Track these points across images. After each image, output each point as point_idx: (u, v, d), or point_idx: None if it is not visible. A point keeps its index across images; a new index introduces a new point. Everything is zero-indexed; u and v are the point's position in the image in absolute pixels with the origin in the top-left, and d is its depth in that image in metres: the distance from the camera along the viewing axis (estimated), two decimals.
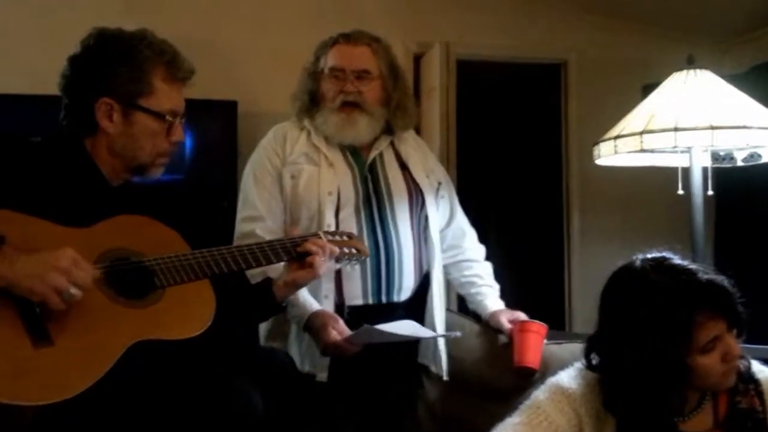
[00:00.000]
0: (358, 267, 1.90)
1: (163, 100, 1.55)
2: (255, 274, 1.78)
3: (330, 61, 2.03)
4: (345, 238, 1.78)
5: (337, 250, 1.71)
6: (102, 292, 1.38)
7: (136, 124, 1.53)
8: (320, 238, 1.70)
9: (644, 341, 1.37)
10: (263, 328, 2.03)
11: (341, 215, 1.97)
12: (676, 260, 1.42)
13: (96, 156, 1.55)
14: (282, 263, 1.70)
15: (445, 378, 2.08)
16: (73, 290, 1.28)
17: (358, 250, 1.78)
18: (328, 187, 1.97)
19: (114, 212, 1.49)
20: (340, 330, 1.81)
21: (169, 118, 1.56)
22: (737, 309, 1.37)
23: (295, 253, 1.66)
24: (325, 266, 1.68)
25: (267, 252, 1.62)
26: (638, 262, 1.44)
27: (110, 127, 1.53)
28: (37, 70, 2.89)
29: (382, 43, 2.09)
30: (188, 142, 2.66)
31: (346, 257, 1.76)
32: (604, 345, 1.45)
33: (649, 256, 1.44)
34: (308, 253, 1.65)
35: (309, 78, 2.08)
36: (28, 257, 1.27)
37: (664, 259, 1.43)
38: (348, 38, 2.05)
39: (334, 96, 2.01)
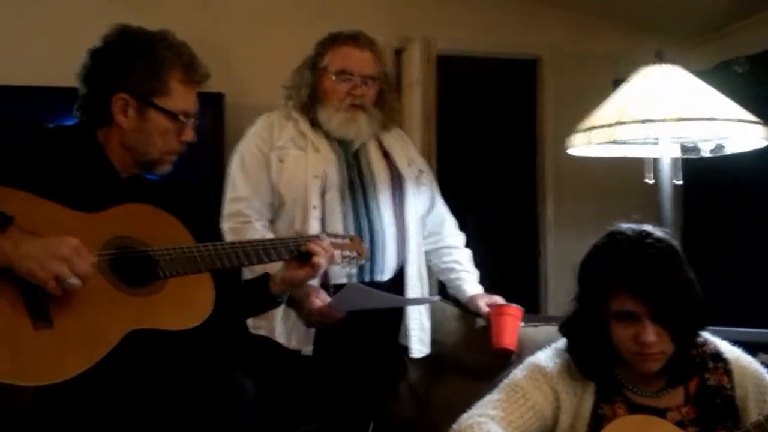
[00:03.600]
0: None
1: (177, 101, 1.57)
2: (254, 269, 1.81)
3: (338, 62, 2.07)
4: (347, 240, 1.81)
5: (338, 256, 1.74)
6: (105, 278, 1.39)
7: (149, 121, 1.55)
8: (322, 239, 1.73)
9: (582, 284, 1.51)
10: None
11: (326, 198, 2.01)
12: (648, 237, 1.45)
13: (107, 147, 1.57)
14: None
15: (413, 355, 2.14)
16: (73, 280, 1.28)
17: (358, 253, 1.81)
18: (314, 171, 2.02)
19: (121, 203, 1.51)
20: (322, 298, 1.85)
21: (182, 118, 1.58)
22: (663, 307, 1.39)
23: (298, 252, 1.68)
24: (324, 269, 1.71)
25: (269, 250, 1.64)
26: (620, 225, 1.51)
27: (124, 122, 1.55)
28: (32, 63, 2.93)
29: (378, 46, 2.14)
30: None
31: (347, 260, 1.79)
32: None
33: (633, 225, 1.49)
34: (310, 254, 1.67)
35: (309, 72, 2.11)
36: (33, 240, 1.28)
37: (639, 231, 1.47)
38: (356, 41, 2.09)
39: (342, 97, 2.06)
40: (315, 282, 1.96)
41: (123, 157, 1.59)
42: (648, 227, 1.48)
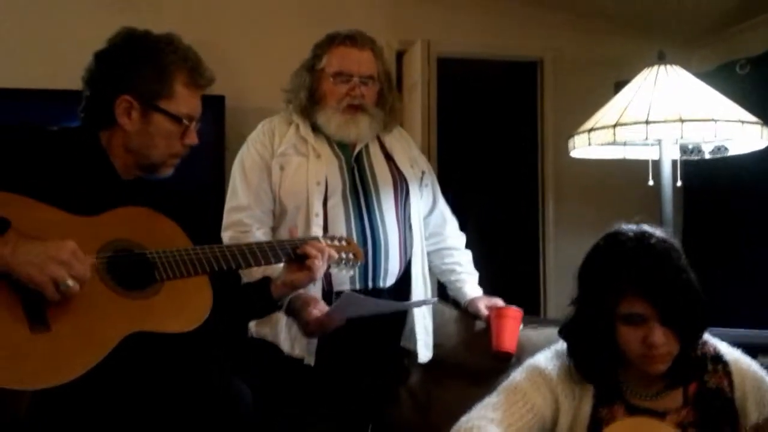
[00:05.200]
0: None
1: (181, 104, 1.57)
2: (254, 273, 1.81)
3: (336, 63, 2.04)
4: (344, 243, 1.81)
5: (335, 254, 1.74)
6: (103, 281, 1.40)
7: (153, 124, 1.56)
8: (319, 241, 1.73)
9: (584, 287, 1.49)
10: None
11: (329, 204, 2.00)
12: (650, 238, 1.44)
13: (110, 150, 1.58)
14: (281, 264, 1.72)
15: (420, 360, 2.13)
16: (71, 282, 1.29)
17: (354, 255, 1.81)
18: (316, 177, 2.00)
19: (122, 205, 1.52)
20: (320, 308, 1.84)
21: (185, 122, 1.58)
22: (671, 308, 1.38)
23: (295, 255, 1.69)
24: (323, 270, 1.70)
25: (267, 252, 1.65)
26: (618, 227, 1.49)
27: (128, 125, 1.55)
28: (34, 67, 2.95)
29: (378, 45, 2.11)
30: None
31: (343, 262, 1.79)
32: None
33: (633, 226, 1.48)
34: (307, 256, 1.67)
35: (308, 75, 2.08)
36: (31, 245, 1.28)
37: (640, 232, 1.46)
38: (353, 41, 2.05)
39: (340, 98, 2.03)
40: (317, 289, 1.96)
41: (125, 160, 1.59)
42: (647, 227, 1.47)
